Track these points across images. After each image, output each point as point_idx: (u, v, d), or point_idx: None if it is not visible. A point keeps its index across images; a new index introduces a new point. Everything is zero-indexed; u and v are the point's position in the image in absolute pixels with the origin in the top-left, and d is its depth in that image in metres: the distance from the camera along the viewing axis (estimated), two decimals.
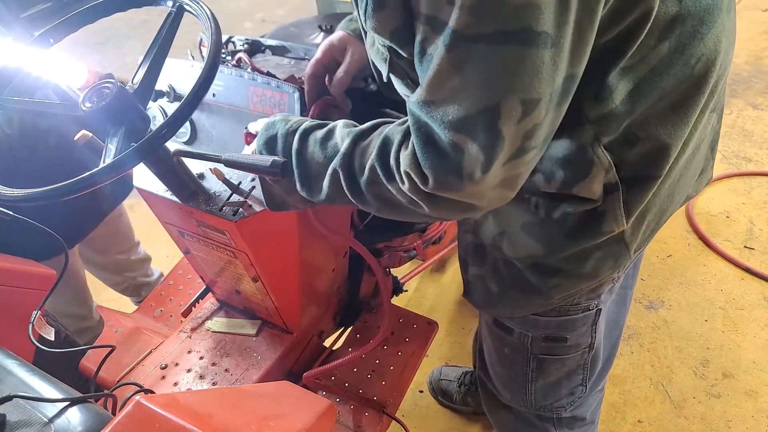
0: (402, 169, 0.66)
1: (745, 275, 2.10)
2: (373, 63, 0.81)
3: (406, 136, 0.67)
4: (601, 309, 0.95)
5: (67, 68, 1.36)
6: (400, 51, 0.67)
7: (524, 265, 0.87)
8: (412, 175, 0.64)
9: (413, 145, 0.64)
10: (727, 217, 2.35)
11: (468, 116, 0.58)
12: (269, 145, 0.84)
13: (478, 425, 1.74)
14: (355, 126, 0.78)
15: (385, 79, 0.78)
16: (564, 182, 0.74)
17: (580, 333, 0.97)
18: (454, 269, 2.25)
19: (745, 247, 2.21)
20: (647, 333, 1.94)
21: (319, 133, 0.79)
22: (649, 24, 0.63)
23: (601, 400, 1.23)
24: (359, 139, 0.74)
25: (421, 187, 0.65)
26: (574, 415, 1.15)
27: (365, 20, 0.66)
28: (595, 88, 0.68)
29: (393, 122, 0.74)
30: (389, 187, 0.70)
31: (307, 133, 0.81)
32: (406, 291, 1.70)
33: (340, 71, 0.99)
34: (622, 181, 0.73)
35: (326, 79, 1.02)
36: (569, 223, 0.78)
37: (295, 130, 0.82)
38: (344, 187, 0.75)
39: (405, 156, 0.65)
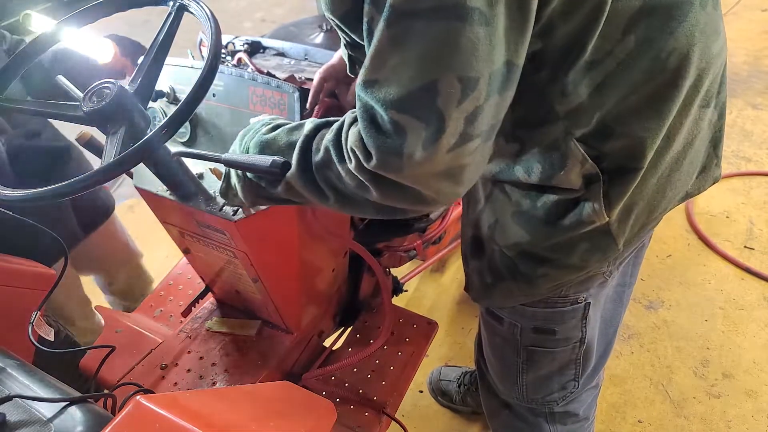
0: (348, 145, 0.67)
1: (745, 275, 2.10)
2: None
3: (356, 117, 0.69)
4: (590, 303, 0.96)
5: (94, 44, 1.33)
6: (351, 34, 0.70)
7: (514, 253, 0.89)
8: (357, 152, 0.65)
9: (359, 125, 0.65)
10: (727, 217, 2.35)
11: (408, 94, 0.59)
12: (244, 136, 0.86)
13: (478, 425, 1.74)
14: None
15: (350, 74, 0.80)
16: (542, 175, 0.76)
17: (569, 326, 0.98)
18: (454, 269, 2.25)
19: (745, 247, 2.21)
20: (647, 333, 1.93)
21: (290, 125, 0.81)
22: (605, 16, 0.64)
23: (596, 398, 1.24)
24: (322, 126, 0.76)
25: (365, 164, 0.65)
26: (567, 411, 1.15)
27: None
28: (562, 83, 0.69)
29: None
30: (339, 169, 0.70)
31: (279, 125, 0.83)
32: (406, 291, 1.70)
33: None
34: (603, 171, 0.75)
35: (336, 87, 1.05)
36: (551, 211, 0.81)
37: (269, 123, 0.84)
38: (298, 171, 0.75)
39: (352, 133, 0.67)
